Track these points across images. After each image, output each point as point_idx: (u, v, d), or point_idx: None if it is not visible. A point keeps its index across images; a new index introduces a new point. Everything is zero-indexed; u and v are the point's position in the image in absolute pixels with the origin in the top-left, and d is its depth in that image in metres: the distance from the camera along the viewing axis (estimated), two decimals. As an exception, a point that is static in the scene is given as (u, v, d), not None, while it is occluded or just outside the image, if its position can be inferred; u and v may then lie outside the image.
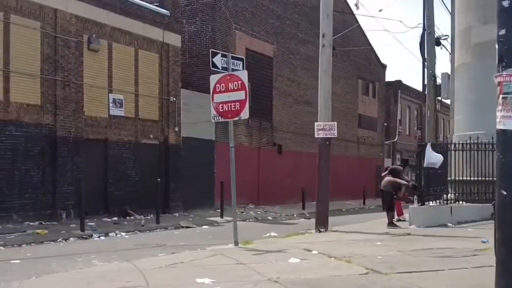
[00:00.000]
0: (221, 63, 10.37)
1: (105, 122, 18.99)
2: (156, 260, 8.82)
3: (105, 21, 18.82)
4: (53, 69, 17.06)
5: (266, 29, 27.94)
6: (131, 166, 20.08)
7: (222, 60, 10.40)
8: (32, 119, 16.52)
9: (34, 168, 16.62)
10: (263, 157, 27.67)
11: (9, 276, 8.63)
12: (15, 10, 15.99)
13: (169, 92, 21.52)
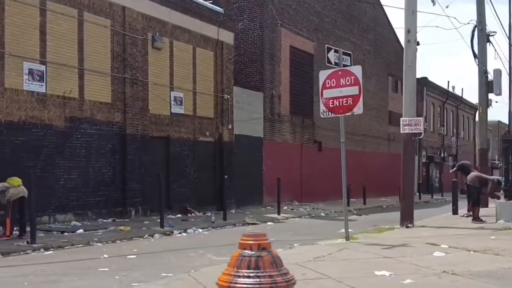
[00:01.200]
0: (334, 59, 10.34)
1: (167, 120, 19.04)
2: (293, 254, 8.86)
3: (167, 19, 18.87)
4: (122, 67, 17.11)
5: (307, 26, 27.98)
6: (189, 163, 20.14)
7: (334, 56, 10.39)
8: (104, 117, 16.58)
9: (106, 165, 16.68)
10: (305, 154, 27.72)
11: (143, 270, 8.71)
12: (88, 8, 16.03)
13: (223, 90, 21.56)
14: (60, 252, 11.08)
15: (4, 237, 11.94)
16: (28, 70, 14.34)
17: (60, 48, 15.20)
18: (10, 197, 11.99)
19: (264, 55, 24.32)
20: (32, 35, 14.46)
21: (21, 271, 8.87)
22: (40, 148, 14.74)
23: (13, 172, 13.85)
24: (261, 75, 24.35)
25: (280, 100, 25.60)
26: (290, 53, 26.35)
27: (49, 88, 14.88)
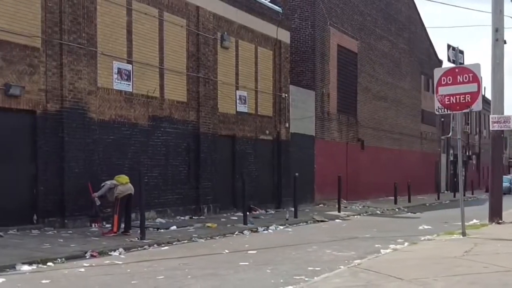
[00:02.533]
0: (452, 57, 10.51)
1: (233, 118, 19.23)
2: (431, 249, 9.03)
3: (235, 18, 19.05)
4: (196, 67, 17.29)
5: (352, 25, 28.15)
6: (252, 161, 20.32)
7: (452, 54, 10.55)
8: (180, 115, 16.76)
9: (182, 164, 16.87)
10: (349, 152, 27.88)
11: (285, 265, 8.87)
12: (167, 8, 16.21)
13: (280, 88, 21.73)
14: (175, 247, 11.27)
15: (111, 233, 12.14)
16: (117, 69, 14.54)
17: (144, 47, 15.39)
18: (119, 194, 12.18)
19: (315, 53, 24.50)
20: (120, 34, 14.65)
21: (163, 264, 9.06)
22: (128, 147, 14.94)
23: (106, 169, 14.16)
24: (312, 74, 24.53)
25: (329, 98, 25.78)
26: (337, 52, 26.51)
27: (135, 87, 15.08)
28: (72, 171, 13.21)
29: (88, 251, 9.99)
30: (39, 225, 12.57)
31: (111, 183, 12.31)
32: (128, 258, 9.79)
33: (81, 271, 8.50)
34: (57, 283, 7.54)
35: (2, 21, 11.69)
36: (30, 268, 8.56)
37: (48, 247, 10.20)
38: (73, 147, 13.22)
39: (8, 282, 7.51)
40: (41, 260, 9.02)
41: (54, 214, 12.91)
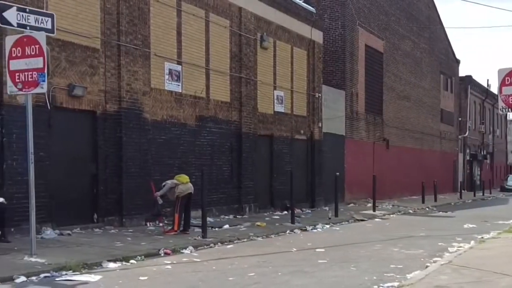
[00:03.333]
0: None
1: (271, 118, 19.38)
2: None
3: (273, 19, 19.21)
4: (238, 67, 17.44)
5: (378, 25, 28.29)
6: (287, 161, 20.45)
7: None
8: (224, 115, 16.92)
9: (226, 163, 17.02)
10: (376, 152, 28.02)
11: (364, 263, 9.02)
12: (212, 9, 16.37)
13: (314, 88, 21.88)
14: (239, 245, 11.44)
15: (172, 231, 12.30)
16: (168, 70, 14.69)
17: (191, 48, 15.55)
18: (180, 193, 12.34)
19: (345, 53, 24.65)
20: (170, 35, 14.81)
21: (243, 262, 9.22)
22: (177, 147, 15.10)
23: (158, 169, 14.33)
24: (342, 74, 24.68)
25: (358, 98, 25.93)
26: (365, 52, 26.66)
27: (184, 88, 15.23)
28: (129, 170, 13.37)
29: (160, 249, 10.15)
30: (99, 224, 12.73)
31: (172, 182, 12.46)
32: (202, 255, 9.95)
33: (168, 268, 8.67)
34: (154, 280, 7.69)
35: (65, 22, 11.84)
36: (116, 265, 8.72)
37: (121, 245, 10.36)
38: (130, 147, 13.39)
39: (106, 279, 7.66)
40: (122, 257, 9.18)
41: (113, 213, 13.07)
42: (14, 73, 8.43)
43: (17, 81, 8.39)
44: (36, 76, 8.21)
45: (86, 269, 8.26)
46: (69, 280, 7.57)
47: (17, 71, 8.41)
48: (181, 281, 7.63)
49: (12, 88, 8.52)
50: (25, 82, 8.35)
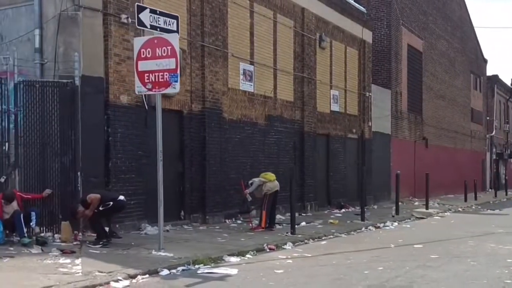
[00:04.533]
0: None
1: (328, 117, 19.62)
2: None
3: (330, 19, 19.44)
4: (301, 67, 17.68)
5: (418, 25, 28.47)
6: (341, 160, 20.69)
7: None
8: (288, 115, 17.16)
9: (290, 162, 17.22)
10: (417, 150, 28.20)
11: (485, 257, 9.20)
12: (279, 9, 16.62)
13: (364, 88, 22.10)
14: (333, 242, 11.69)
15: (260, 228, 12.55)
16: (242, 70, 14.96)
17: (262, 49, 15.80)
18: (268, 190, 12.60)
19: (391, 53, 24.84)
20: (245, 36, 15.07)
21: (355, 257, 9.46)
22: (249, 145, 15.35)
23: (234, 167, 14.61)
24: (388, 73, 24.88)
25: (401, 97, 26.12)
26: (407, 51, 26.84)
27: (255, 88, 15.49)
28: (211, 169, 13.65)
29: (263, 244, 10.40)
30: (186, 221, 13.01)
31: (259, 180, 12.72)
32: (307, 251, 10.19)
33: (290, 262, 8.92)
34: (290, 273, 7.93)
35: (159, 24, 12.12)
36: (237, 260, 8.98)
37: (224, 241, 10.62)
38: (212, 146, 13.67)
39: (244, 272, 7.90)
40: (238, 252, 9.44)
41: (197, 210, 13.35)
42: (143, 73, 8.69)
43: (147, 81, 8.66)
44: (167, 76, 8.48)
45: (213, 263, 8.52)
46: (210, 273, 7.82)
47: (146, 72, 8.67)
48: (318, 273, 7.87)
49: (141, 88, 8.79)
50: (155, 82, 8.62)
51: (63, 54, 10.23)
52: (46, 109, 9.91)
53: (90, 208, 9.34)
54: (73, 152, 9.95)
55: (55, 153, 9.94)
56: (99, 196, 9.39)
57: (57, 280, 6.71)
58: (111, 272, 7.32)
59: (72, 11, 10.23)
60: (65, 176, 9.96)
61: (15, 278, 6.69)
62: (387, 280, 7.27)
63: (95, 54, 10.56)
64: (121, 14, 10.97)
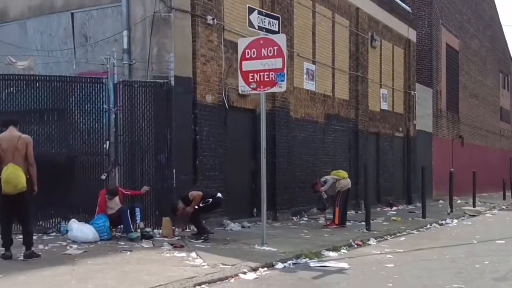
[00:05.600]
0: None
1: (378, 116, 19.81)
2: None
3: (381, 18, 19.65)
4: (355, 66, 17.90)
5: (454, 24, 28.59)
6: (389, 158, 20.88)
7: None
8: (344, 113, 17.38)
9: (345, 160, 17.47)
10: (454, 149, 28.32)
11: None
12: (337, 9, 16.85)
13: (409, 86, 22.27)
14: (410, 238, 11.92)
15: (333, 225, 12.78)
16: (306, 69, 15.19)
17: (322, 48, 16.03)
18: (342, 188, 12.82)
19: (432, 52, 25.01)
20: (308, 36, 15.31)
21: (450, 252, 9.65)
22: (311, 143, 15.60)
23: (299, 165, 14.86)
24: (429, 72, 25.05)
25: (441, 96, 26.27)
26: (445, 50, 26.98)
27: (317, 87, 15.73)
28: (280, 167, 13.90)
29: (349, 240, 10.62)
30: (257, 218, 13.20)
31: (332, 177, 12.94)
32: (395, 246, 10.38)
33: (390, 257, 9.13)
34: (401, 267, 8.14)
35: (236, 24, 12.36)
36: (335, 254, 9.20)
37: (309, 237, 10.85)
38: (281, 144, 13.92)
39: (355, 266, 8.12)
40: (332, 247, 9.67)
41: (267, 208, 13.52)
42: (248, 73, 8.95)
43: (251, 81, 8.91)
44: (273, 76, 8.72)
45: (316, 257, 8.74)
46: (323, 266, 8.06)
47: (250, 72, 8.92)
48: (431, 267, 8.07)
49: (245, 88, 9.05)
50: (260, 81, 8.87)
51: (156, 55, 10.50)
52: (143, 109, 10.18)
53: (192, 205, 9.60)
54: (168, 150, 10.23)
55: (151, 151, 10.22)
56: (202, 194, 9.65)
57: (194, 272, 6.96)
58: (234, 264, 7.57)
59: (164, 12, 10.49)
60: (161, 173, 10.24)
61: (155, 270, 6.95)
62: (507, 273, 7.48)
63: (184, 55, 10.82)
64: (206, 16, 11.22)
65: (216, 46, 11.59)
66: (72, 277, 6.45)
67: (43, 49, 12.22)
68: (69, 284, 6.17)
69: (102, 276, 6.58)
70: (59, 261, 7.39)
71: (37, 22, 12.44)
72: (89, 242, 8.81)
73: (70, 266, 7.08)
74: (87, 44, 11.69)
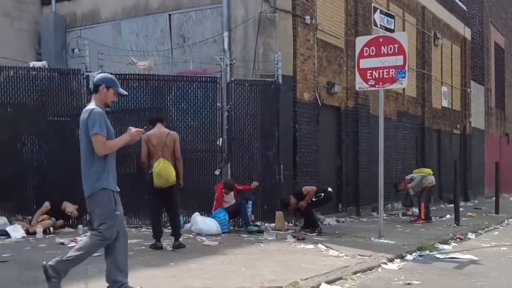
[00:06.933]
0: None
1: (439, 113, 19.97)
2: None
3: (442, 17, 19.81)
4: (422, 64, 18.08)
5: (501, 22, 28.61)
6: (448, 155, 21.00)
7: None
8: (413, 111, 17.58)
9: (413, 157, 17.68)
10: (502, 146, 28.34)
11: None
12: (407, 8, 17.04)
13: (465, 84, 22.39)
14: (502, 233, 12.05)
15: (420, 220, 12.99)
16: (381, 67, 15.40)
17: (394, 46, 16.23)
18: (429, 184, 13.05)
19: (483, 50, 25.06)
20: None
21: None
22: (385, 140, 15.65)
23: (376, 161, 15.00)
24: (481, 70, 25.11)
25: (491, 93, 26.33)
26: (494, 48, 27.02)
27: (390, 84, 15.93)
28: (362, 163, 14.16)
29: (449, 234, 10.83)
30: (343, 214, 13.51)
31: (418, 175, 13.17)
32: (496, 240, 10.58)
33: (505, 249, 9.34)
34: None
35: (326, 24, 12.68)
36: (449, 247, 9.43)
37: (409, 231, 11.09)
38: (363, 141, 14.18)
39: (481, 259, 8.33)
40: (442, 240, 9.90)
41: (351, 203, 13.87)
42: (366, 71, 9.22)
43: (369, 78, 9.18)
44: (393, 73, 8.98)
45: (434, 250, 8.97)
46: (452, 258, 8.28)
47: (369, 69, 9.19)
48: None
49: (362, 85, 9.32)
50: (379, 78, 9.13)
51: (262, 55, 10.81)
52: (252, 106, 10.49)
53: (306, 200, 9.89)
54: (276, 147, 10.52)
55: (260, 147, 10.52)
56: (316, 188, 9.94)
57: (344, 261, 7.25)
58: (370, 255, 7.83)
59: (269, 13, 10.80)
60: (269, 169, 10.54)
61: (305, 260, 7.25)
62: None
63: (286, 54, 11.12)
64: (305, 16, 11.51)
65: (311, 45, 11.88)
66: (239, 265, 6.75)
67: (138, 49, 12.60)
68: (240, 270, 6.47)
69: (264, 264, 6.88)
70: (206, 251, 7.71)
71: (132, 23, 12.82)
72: (214, 235, 9.12)
73: (223, 256, 7.39)
74: (185, 45, 12.04)
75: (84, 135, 4.86)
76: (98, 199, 4.84)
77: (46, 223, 8.88)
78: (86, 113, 4.87)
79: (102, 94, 4.99)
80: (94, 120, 4.79)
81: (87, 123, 4.81)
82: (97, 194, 4.84)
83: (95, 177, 4.83)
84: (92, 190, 4.84)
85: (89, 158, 4.86)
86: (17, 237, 8.46)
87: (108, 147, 4.85)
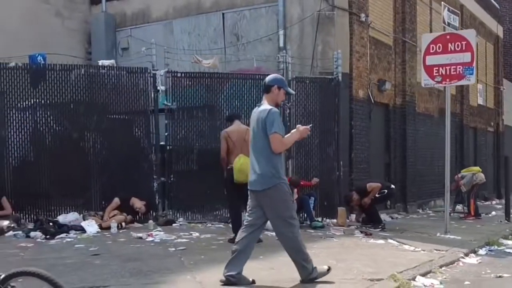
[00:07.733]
0: None
1: (475, 110, 19.98)
2: None
3: (478, 15, 19.82)
4: (460, 61, 18.08)
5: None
6: (483, 153, 21.02)
7: None
8: (452, 108, 17.37)
9: (452, 155, 17.58)
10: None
11: None
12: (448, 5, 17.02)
13: (498, 82, 22.37)
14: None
15: (469, 217, 13.03)
16: (425, 65, 15.45)
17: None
18: (480, 181, 13.14)
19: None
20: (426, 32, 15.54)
21: None
22: (428, 137, 15.85)
23: (420, 158, 15.12)
24: (510, 67, 25.07)
25: (521, 91, 26.28)
26: (523, 46, 26.97)
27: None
28: (409, 160, 14.23)
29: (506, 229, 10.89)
30: (391, 210, 13.57)
31: (468, 174, 13.25)
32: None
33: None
34: None
35: (377, 22, 12.76)
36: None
37: (466, 227, 11.16)
38: (409, 138, 14.26)
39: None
40: (503, 236, 9.95)
41: (399, 200, 13.93)
42: (432, 67, 9.31)
43: (435, 74, 9.26)
44: (460, 69, 9.06)
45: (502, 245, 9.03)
46: (523, 252, 8.37)
47: (435, 66, 9.28)
48: None
49: (429, 81, 9.42)
50: (445, 75, 9.22)
51: (321, 52, 10.91)
52: (312, 103, 10.59)
53: (369, 196, 9.99)
54: (336, 143, 10.62)
55: (319, 144, 10.62)
56: (380, 185, 10.03)
57: (428, 256, 7.34)
58: (446, 250, 7.92)
59: (327, 11, 10.89)
60: (329, 165, 10.64)
61: (388, 254, 7.35)
62: None
63: (343, 52, 11.20)
64: (361, 13, 11.61)
65: (365, 42, 11.97)
66: (327, 258, 6.84)
67: (191, 48, 12.72)
68: (331, 263, 6.56)
69: (350, 257, 6.97)
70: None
71: (184, 22, 12.95)
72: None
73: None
74: (239, 44, 12.15)
75: (262, 132, 5.03)
76: (280, 192, 5.09)
77: (118, 218, 9.04)
78: (265, 112, 5.07)
79: (274, 94, 5.23)
80: (273, 119, 4.99)
81: (265, 121, 4.99)
82: (277, 187, 5.07)
83: (274, 171, 5.06)
84: (269, 184, 5.06)
85: (265, 154, 5.06)
86: (92, 232, 8.61)
87: (285, 145, 5.12)
